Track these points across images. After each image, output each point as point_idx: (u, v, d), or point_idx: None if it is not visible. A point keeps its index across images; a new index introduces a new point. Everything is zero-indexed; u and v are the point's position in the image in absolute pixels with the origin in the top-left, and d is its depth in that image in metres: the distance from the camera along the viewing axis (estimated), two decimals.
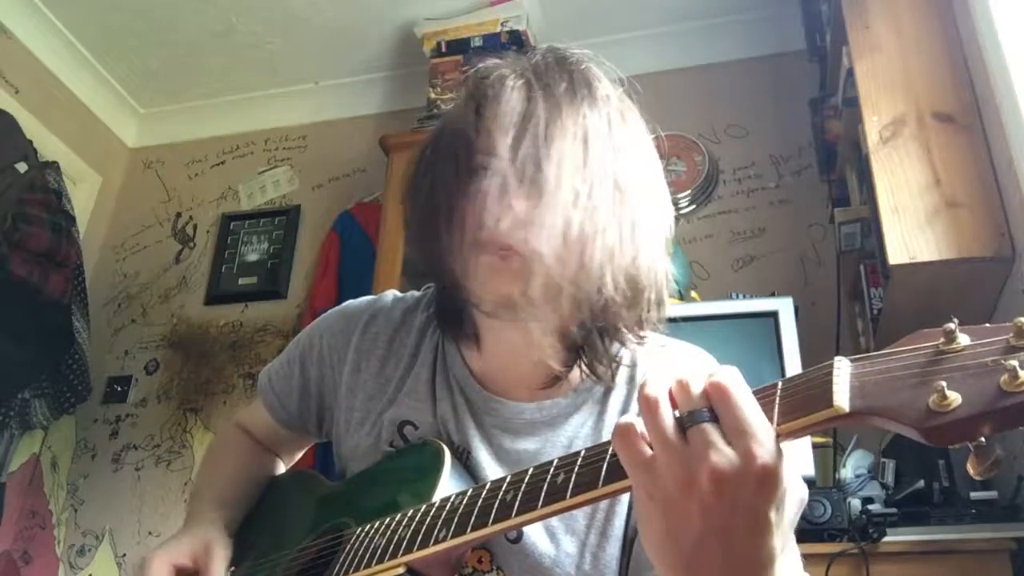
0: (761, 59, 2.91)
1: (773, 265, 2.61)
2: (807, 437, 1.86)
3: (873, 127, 1.90)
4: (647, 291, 0.83)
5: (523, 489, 0.69)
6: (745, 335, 2.03)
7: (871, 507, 1.72)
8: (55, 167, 2.89)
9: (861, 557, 1.61)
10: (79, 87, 3.31)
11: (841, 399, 0.52)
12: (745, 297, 2.24)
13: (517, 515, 0.68)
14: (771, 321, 2.01)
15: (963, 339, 0.51)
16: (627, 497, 0.85)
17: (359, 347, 1.02)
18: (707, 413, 0.55)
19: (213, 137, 3.52)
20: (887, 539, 1.62)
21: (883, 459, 1.92)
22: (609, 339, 0.87)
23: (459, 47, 2.91)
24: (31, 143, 2.85)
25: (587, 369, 0.88)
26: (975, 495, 1.66)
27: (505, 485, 0.72)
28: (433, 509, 0.78)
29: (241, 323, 3.10)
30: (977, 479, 0.46)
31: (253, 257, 3.18)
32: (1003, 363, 0.47)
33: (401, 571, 0.76)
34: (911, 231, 1.75)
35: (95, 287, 3.25)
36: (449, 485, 0.84)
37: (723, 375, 0.56)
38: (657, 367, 0.93)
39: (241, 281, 3.16)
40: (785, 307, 2.02)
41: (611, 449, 0.63)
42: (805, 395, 0.55)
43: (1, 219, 2.57)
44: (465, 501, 0.75)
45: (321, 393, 1.06)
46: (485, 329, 0.92)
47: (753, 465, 0.52)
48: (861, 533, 1.64)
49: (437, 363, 0.98)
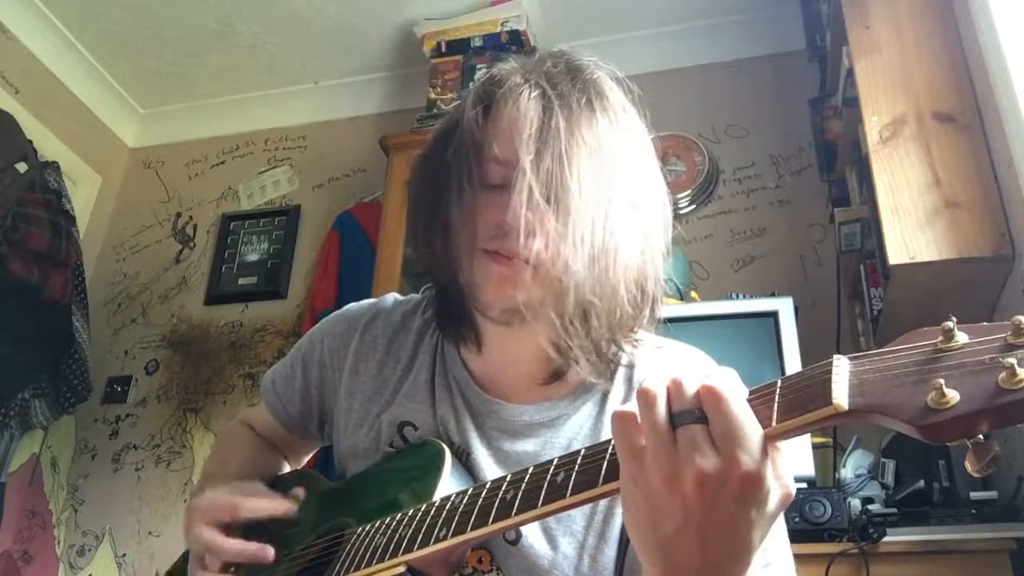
0: (761, 59, 2.91)
1: (773, 265, 2.61)
2: (807, 436, 1.86)
3: (873, 127, 1.90)
4: (652, 298, 0.85)
5: (523, 488, 0.69)
6: (745, 335, 2.03)
7: (871, 507, 1.72)
8: (55, 167, 2.89)
9: (861, 557, 1.61)
10: (79, 87, 3.32)
11: (840, 397, 0.52)
12: (745, 297, 2.24)
13: (517, 514, 0.68)
14: (771, 321, 2.01)
15: (961, 337, 0.51)
16: None
17: (358, 350, 1.02)
18: (698, 414, 0.57)
19: (213, 137, 3.52)
20: (887, 539, 1.62)
21: (883, 459, 1.92)
22: (608, 341, 0.87)
23: (459, 47, 2.91)
24: (31, 143, 2.85)
25: (586, 371, 0.88)
26: (975, 495, 1.66)
27: (505, 484, 0.72)
28: (433, 508, 0.78)
29: (241, 323, 3.10)
30: (975, 476, 0.46)
31: (253, 257, 3.19)
32: (1001, 361, 0.47)
33: (401, 570, 0.76)
34: (911, 231, 1.75)
35: (95, 287, 3.25)
36: (450, 485, 0.84)
37: (717, 378, 0.57)
38: (656, 367, 0.94)
39: (241, 281, 3.16)
40: (785, 307, 2.02)
41: (610, 448, 0.64)
42: (804, 393, 0.55)
43: (1, 219, 2.57)
44: (465, 500, 0.75)
45: (322, 395, 1.07)
46: (486, 331, 0.92)
47: (736, 471, 0.54)
48: (861, 533, 1.64)
49: (436, 365, 0.98)
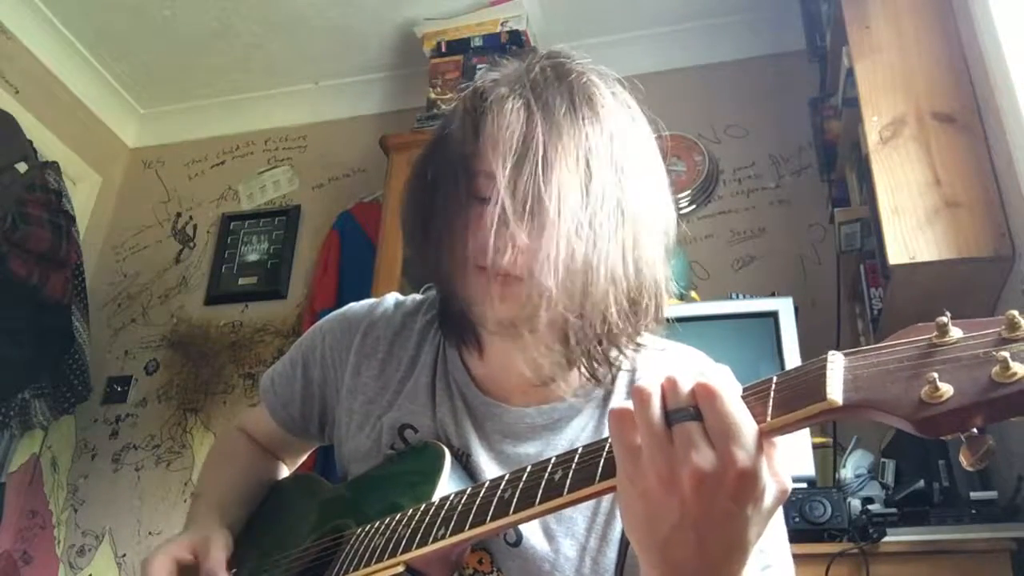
0: (761, 59, 2.91)
1: (773, 265, 2.60)
2: (807, 436, 1.86)
3: (873, 127, 1.90)
4: (648, 304, 0.83)
5: (521, 487, 0.69)
6: (745, 335, 2.02)
7: (871, 507, 1.72)
8: (55, 167, 2.89)
9: (861, 557, 1.60)
10: (79, 87, 3.32)
11: (834, 392, 0.53)
12: (745, 297, 2.24)
13: (515, 512, 0.68)
14: (771, 321, 2.01)
15: (956, 332, 0.51)
16: None
17: (360, 350, 1.02)
18: (693, 412, 0.57)
19: (213, 137, 3.52)
20: (887, 539, 1.61)
21: (883, 459, 1.92)
22: (608, 346, 0.87)
23: (459, 47, 2.91)
24: (31, 143, 2.85)
25: (586, 373, 0.88)
26: (975, 495, 1.65)
27: (503, 483, 0.72)
28: (432, 508, 0.78)
29: (241, 323, 3.10)
30: (969, 470, 0.46)
31: (253, 257, 3.19)
32: (995, 354, 0.47)
33: (400, 570, 0.76)
34: (911, 231, 1.75)
35: (95, 287, 3.25)
36: (449, 487, 0.84)
37: (711, 376, 0.57)
38: (656, 369, 0.93)
39: (241, 281, 3.16)
40: (785, 307, 2.02)
41: (607, 446, 0.64)
42: (799, 389, 0.55)
43: (1, 219, 2.57)
44: (464, 500, 0.75)
45: (323, 395, 1.07)
46: (486, 337, 0.92)
47: (732, 468, 0.54)
48: (861, 533, 1.64)
49: (438, 367, 0.98)
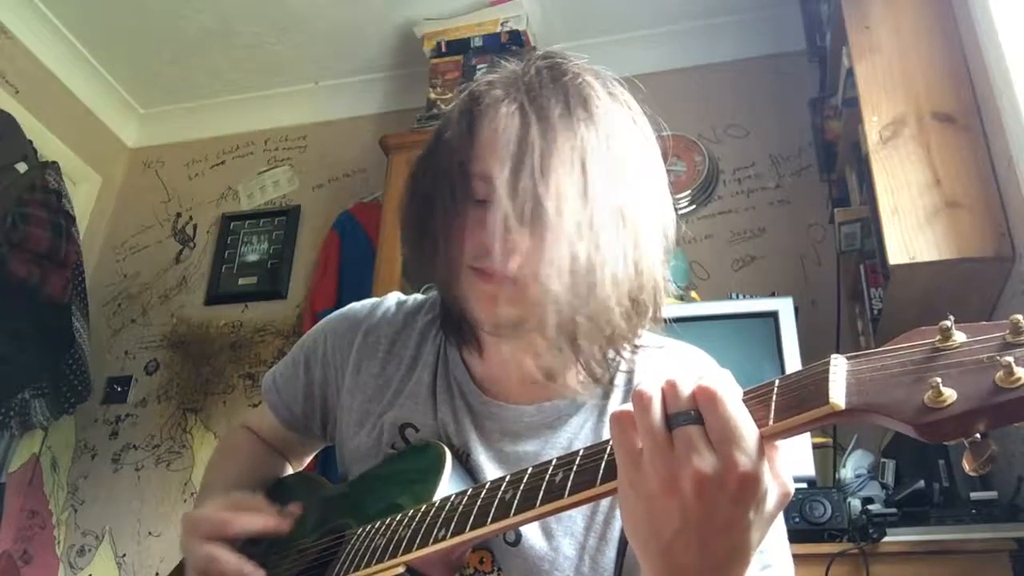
0: (761, 59, 2.91)
1: (773, 265, 2.61)
2: (807, 437, 1.86)
3: (873, 127, 1.90)
4: (647, 303, 0.83)
5: (522, 488, 0.69)
6: (745, 335, 2.02)
7: (871, 507, 1.72)
8: (55, 167, 2.89)
9: (861, 557, 1.60)
10: (79, 87, 3.32)
11: (837, 396, 0.52)
12: (745, 297, 2.24)
13: (516, 514, 0.68)
14: (771, 321, 2.01)
15: (959, 336, 0.51)
16: None
17: (361, 349, 1.02)
18: (694, 415, 0.56)
19: (213, 137, 3.52)
20: (887, 539, 1.61)
21: (883, 459, 1.92)
22: (607, 345, 0.87)
23: (459, 47, 2.91)
24: (31, 143, 2.85)
25: (585, 372, 0.88)
26: (975, 495, 1.66)
27: (504, 485, 0.72)
28: (433, 509, 0.78)
29: (241, 323, 3.10)
30: (972, 475, 0.46)
31: (253, 257, 3.19)
32: (999, 359, 0.47)
33: (400, 570, 0.76)
34: (911, 231, 1.75)
35: (95, 287, 3.25)
36: (450, 487, 0.84)
37: (712, 379, 0.57)
38: (657, 368, 0.93)
39: (241, 281, 3.16)
40: (785, 307, 2.02)
41: (609, 448, 0.63)
42: (801, 393, 0.55)
43: (1, 219, 2.57)
44: (464, 501, 0.75)
45: (325, 395, 1.07)
46: (485, 337, 0.92)
47: (734, 472, 0.54)
48: (861, 533, 1.64)
49: (439, 366, 0.98)
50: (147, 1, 3.03)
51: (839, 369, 0.54)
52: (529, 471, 0.70)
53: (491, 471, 0.89)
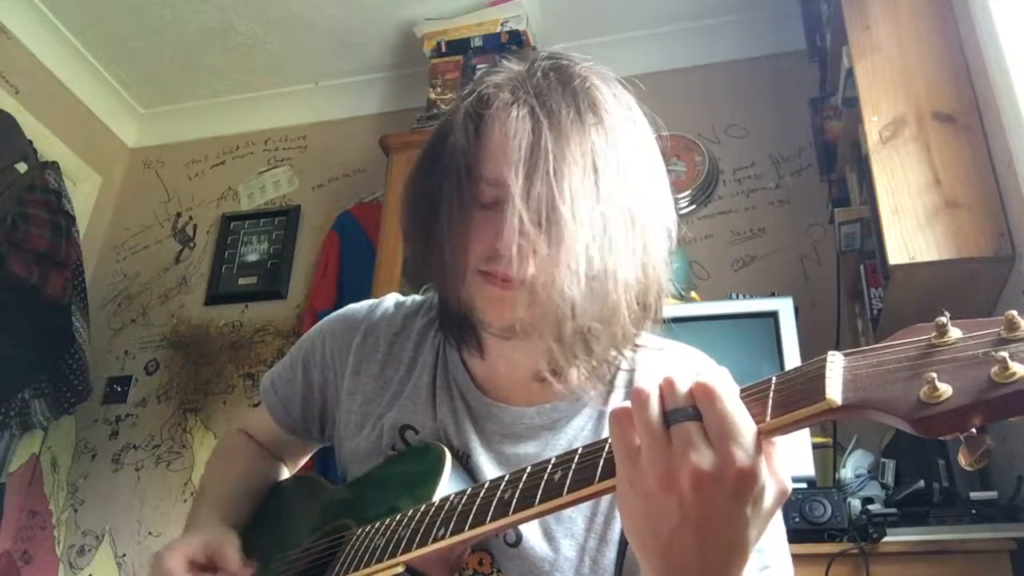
0: (761, 59, 2.91)
1: (773, 265, 2.61)
2: (807, 437, 1.86)
3: (873, 127, 1.90)
4: (653, 304, 0.84)
5: (520, 487, 0.69)
6: (745, 335, 2.02)
7: (871, 507, 1.72)
8: (55, 167, 2.89)
9: (861, 557, 1.60)
10: (79, 87, 3.32)
11: (833, 392, 0.53)
12: (745, 297, 2.24)
13: (514, 513, 0.68)
14: (771, 321, 2.01)
15: (955, 332, 0.51)
16: None
17: (360, 350, 1.02)
18: (691, 412, 0.57)
19: (213, 137, 3.52)
20: (887, 539, 1.61)
21: (883, 459, 1.92)
22: (608, 346, 0.87)
23: (459, 47, 2.91)
24: (31, 143, 2.86)
25: (589, 372, 0.88)
26: (975, 495, 1.65)
27: (503, 484, 0.72)
28: (432, 509, 0.78)
29: (241, 323, 3.10)
30: (968, 469, 0.46)
31: (253, 257, 3.19)
32: (993, 355, 0.47)
33: (400, 570, 0.76)
34: (911, 231, 1.75)
35: (95, 287, 3.25)
36: (450, 488, 0.84)
37: (710, 376, 0.57)
38: (654, 367, 0.93)
39: (241, 281, 3.16)
40: (785, 307, 2.02)
41: (607, 446, 0.64)
42: (798, 389, 0.55)
43: (1, 219, 2.57)
44: (463, 500, 0.75)
45: (324, 396, 1.07)
46: (487, 339, 0.92)
47: (732, 467, 0.54)
48: (861, 533, 1.64)
49: (438, 367, 0.98)
50: (147, 1, 3.03)
51: (836, 365, 0.54)
52: (528, 470, 0.70)
53: (491, 472, 0.89)
